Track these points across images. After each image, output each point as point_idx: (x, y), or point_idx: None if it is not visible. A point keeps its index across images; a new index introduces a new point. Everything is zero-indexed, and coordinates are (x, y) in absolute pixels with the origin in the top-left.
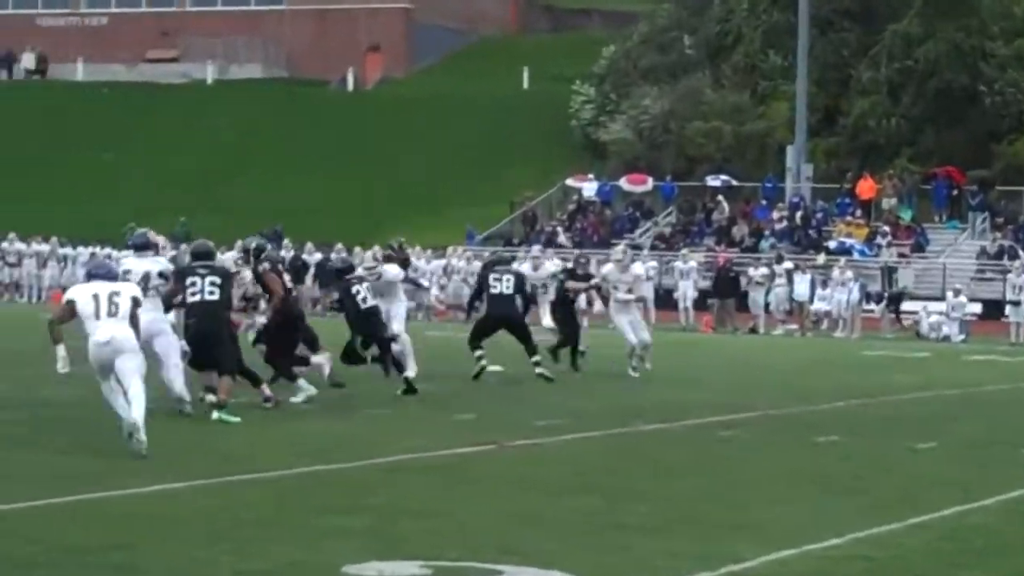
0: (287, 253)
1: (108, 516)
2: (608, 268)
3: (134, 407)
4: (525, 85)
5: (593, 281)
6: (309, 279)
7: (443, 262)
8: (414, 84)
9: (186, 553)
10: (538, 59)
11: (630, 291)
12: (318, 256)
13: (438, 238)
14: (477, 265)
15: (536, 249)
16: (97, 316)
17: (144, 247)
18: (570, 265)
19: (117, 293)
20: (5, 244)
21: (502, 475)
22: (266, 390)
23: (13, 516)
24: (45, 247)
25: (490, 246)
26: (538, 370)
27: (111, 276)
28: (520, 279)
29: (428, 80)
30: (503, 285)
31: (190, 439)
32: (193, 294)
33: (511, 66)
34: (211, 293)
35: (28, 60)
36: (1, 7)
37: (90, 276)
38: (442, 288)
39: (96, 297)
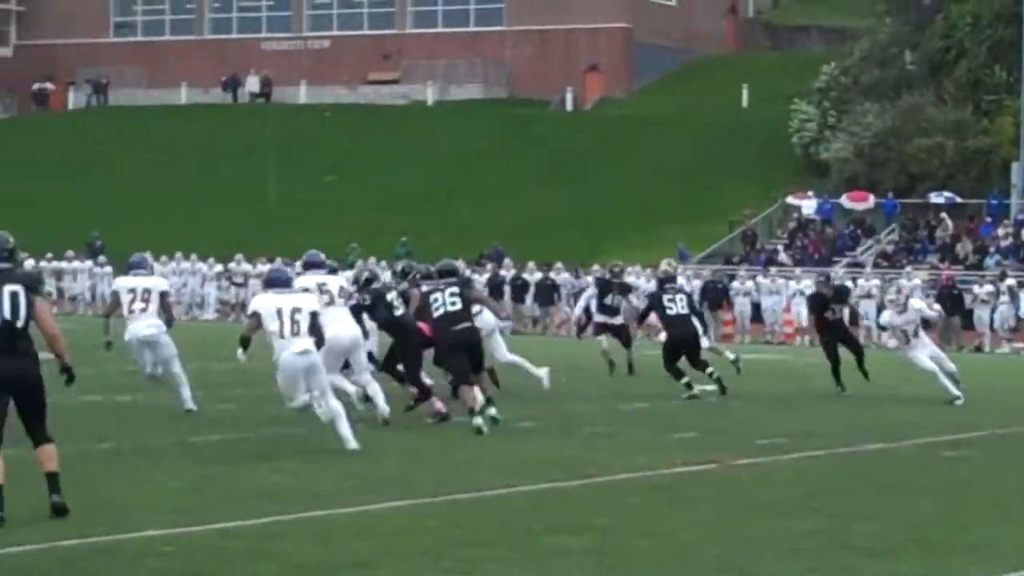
0: (508, 273)
1: (337, 534)
2: (887, 316)
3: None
4: (744, 103)
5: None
6: (529, 298)
7: None
8: (633, 103)
9: (413, 572)
10: (757, 77)
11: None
12: (538, 275)
13: (657, 256)
14: (697, 284)
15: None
16: (282, 335)
17: (318, 265)
18: (812, 288)
19: (298, 309)
20: (232, 265)
21: (724, 494)
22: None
23: (247, 533)
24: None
25: (710, 264)
26: (703, 386)
27: (288, 283)
28: (691, 297)
29: (647, 99)
30: (678, 306)
31: (410, 457)
32: (437, 309)
33: (730, 84)
34: (452, 304)
35: (252, 83)
36: (226, 32)
37: (268, 284)
38: None
39: (279, 313)
